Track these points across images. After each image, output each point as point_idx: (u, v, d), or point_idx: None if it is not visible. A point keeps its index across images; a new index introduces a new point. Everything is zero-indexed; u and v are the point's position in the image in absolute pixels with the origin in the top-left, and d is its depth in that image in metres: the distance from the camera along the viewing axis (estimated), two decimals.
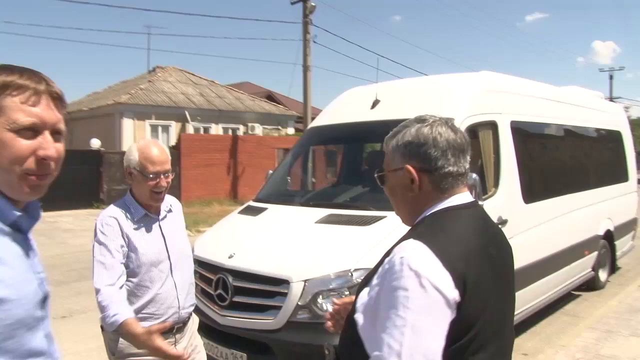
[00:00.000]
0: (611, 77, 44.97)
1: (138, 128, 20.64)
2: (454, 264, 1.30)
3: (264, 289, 3.69)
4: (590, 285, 6.97)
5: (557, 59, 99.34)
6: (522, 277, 5.04)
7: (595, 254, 6.81)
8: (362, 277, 3.56)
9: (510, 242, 4.89)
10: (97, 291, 2.30)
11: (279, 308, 3.58)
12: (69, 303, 6.66)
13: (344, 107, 5.68)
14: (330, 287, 3.54)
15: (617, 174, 7.90)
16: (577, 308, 6.36)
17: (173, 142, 20.62)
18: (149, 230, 2.53)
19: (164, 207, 2.64)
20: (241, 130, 23.75)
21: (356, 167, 5.51)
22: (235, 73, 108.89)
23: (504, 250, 1.54)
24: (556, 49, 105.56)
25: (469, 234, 1.42)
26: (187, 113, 21.79)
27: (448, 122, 1.50)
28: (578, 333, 5.24)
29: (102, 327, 2.61)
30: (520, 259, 5.03)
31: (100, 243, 2.40)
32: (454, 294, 1.27)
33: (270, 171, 5.86)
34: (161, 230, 2.58)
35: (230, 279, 3.79)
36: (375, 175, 1.61)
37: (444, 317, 1.27)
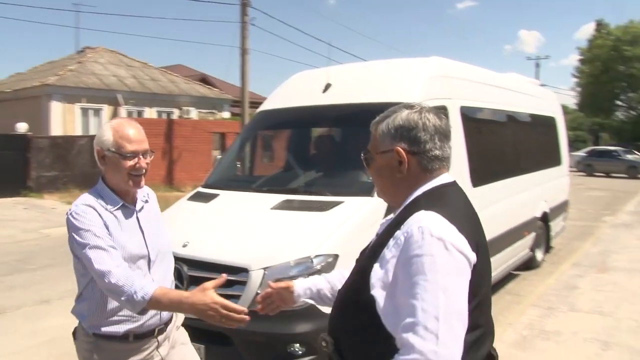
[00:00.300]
0: (537, 65, 47.02)
1: (67, 112, 19.67)
2: (466, 229, 1.41)
3: None
4: (528, 264, 7.28)
5: (486, 46, 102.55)
6: None
7: (533, 234, 7.10)
8: (322, 264, 3.57)
9: None
10: (105, 274, 2.03)
11: (237, 297, 3.48)
12: (1, 299, 6.27)
13: (294, 90, 5.58)
14: (291, 274, 3.47)
15: (552, 158, 8.24)
16: (517, 287, 6.62)
17: None
18: (126, 222, 2.27)
19: (140, 196, 2.37)
20: (176, 114, 23.12)
21: (308, 152, 5.44)
22: (168, 55, 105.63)
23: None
24: (486, 36, 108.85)
25: (464, 204, 1.55)
26: (119, 96, 20.94)
27: (434, 110, 1.59)
28: (522, 311, 5.45)
29: (74, 335, 2.42)
30: None
31: (85, 230, 2.11)
32: (473, 256, 1.38)
33: (219, 156, 5.71)
34: (139, 223, 2.32)
35: (185, 268, 3.65)
36: (362, 156, 1.67)
37: (467, 278, 1.37)
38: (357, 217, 3.85)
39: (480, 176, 5.42)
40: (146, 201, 2.41)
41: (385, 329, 1.38)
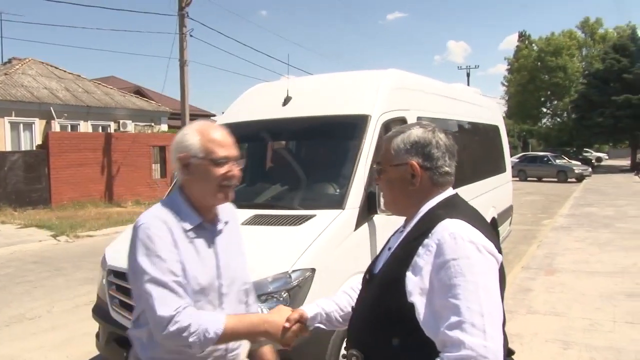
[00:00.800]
0: (468, 75, 48.81)
1: None
2: (488, 234, 1.52)
3: None
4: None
5: (417, 56, 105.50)
6: None
7: None
8: (300, 279, 3.54)
9: None
10: (167, 321, 1.71)
11: None
12: None
13: (253, 104, 5.54)
14: (269, 290, 3.43)
15: (497, 165, 8.57)
16: None
17: (39, 141, 18.98)
18: (201, 246, 1.93)
19: (222, 216, 2.04)
20: (112, 127, 22.44)
21: (270, 166, 5.40)
22: (99, 67, 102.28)
23: None
24: (416, 46, 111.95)
25: (477, 212, 1.67)
26: (52, 109, 20.09)
27: (443, 130, 1.73)
28: None
29: None
30: None
31: (152, 254, 1.79)
32: (500, 257, 1.50)
33: (176, 172, 5.56)
34: (215, 248, 1.98)
35: None
36: (374, 167, 1.82)
37: (497, 277, 1.47)
38: (331, 229, 3.85)
39: None
40: (226, 222, 2.07)
41: (422, 336, 1.44)
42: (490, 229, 1.61)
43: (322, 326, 1.90)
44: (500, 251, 1.53)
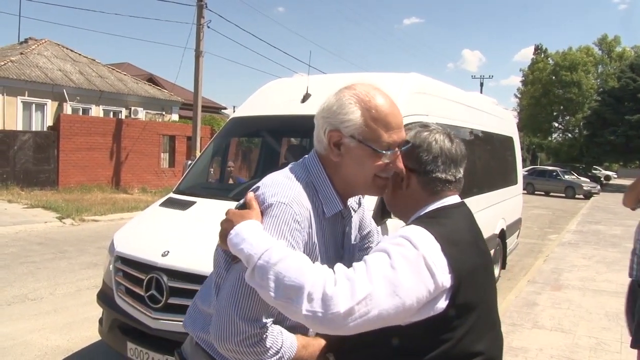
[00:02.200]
0: (482, 85, 48.67)
1: (8, 105, 18.72)
2: (451, 251, 1.38)
3: None
4: None
5: (431, 62, 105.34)
6: None
7: (492, 251, 7.26)
8: None
9: None
10: (248, 334, 1.40)
11: None
12: None
13: (271, 98, 5.49)
14: None
15: (509, 177, 8.49)
16: None
17: (50, 122, 19.03)
18: (333, 236, 1.61)
19: (352, 202, 1.71)
20: (123, 113, 22.48)
21: (284, 162, 5.35)
22: (114, 52, 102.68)
23: (487, 247, 1.66)
24: (430, 52, 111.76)
25: (463, 228, 1.52)
26: (65, 92, 20.14)
27: (447, 132, 1.61)
28: None
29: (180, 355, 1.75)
30: None
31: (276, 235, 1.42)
32: (445, 279, 1.35)
33: (189, 161, 5.54)
34: (343, 239, 1.67)
35: (165, 278, 3.50)
36: None
37: (426, 293, 1.32)
38: None
39: None
40: (358, 207, 1.76)
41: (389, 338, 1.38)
42: (471, 254, 1.46)
43: None
44: (472, 278, 1.39)
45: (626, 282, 3.64)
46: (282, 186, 1.48)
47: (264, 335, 1.42)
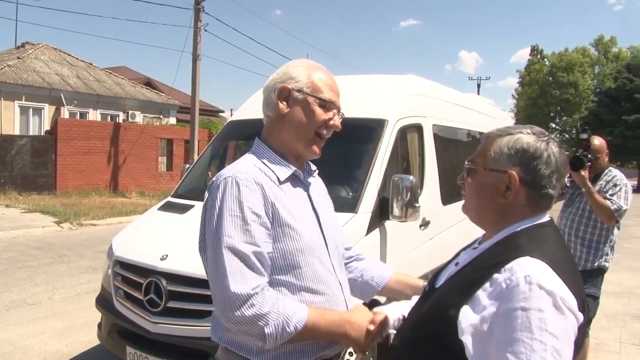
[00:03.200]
0: (479, 86, 48.80)
1: (5, 109, 18.75)
2: (572, 284, 1.25)
3: (204, 294, 3.43)
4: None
5: (428, 64, 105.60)
6: None
7: None
8: None
9: (431, 242, 4.96)
10: (243, 300, 1.45)
11: None
12: None
13: None
14: None
15: None
16: None
17: (47, 126, 19.01)
18: (298, 198, 1.66)
19: (306, 167, 1.79)
20: (121, 117, 22.49)
21: None
22: (111, 56, 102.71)
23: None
24: (428, 54, 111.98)
25: (566, 250, 1.41)
26: (62, 96, 20.13)
27: (557, 143, 1.44)
28: None
29: None
30: (441, 259, 5.22)
31: (234, 217, 1.49)
32: (580, 317, 1.23)
33: (187, 165, 5.54)
34: (311, 202, 1.71)
35: (164, 282, 3.49)
36: (466, 165, 1.53)
37: (574, 340, 1.21)
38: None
39: (449, 194, 5.49)
40: (312, 175, 1.82)
41: None
42: (577, 277, 1.35)
43: (393, 332, 1.66)
44: (584, 307, 1.27)
45: (625, 283, 3.64)
46: (228, 167, 1.64)
47: (259, 299, 1.46)
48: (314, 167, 1.85)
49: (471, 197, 1.50)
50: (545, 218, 1.42)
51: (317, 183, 1.85)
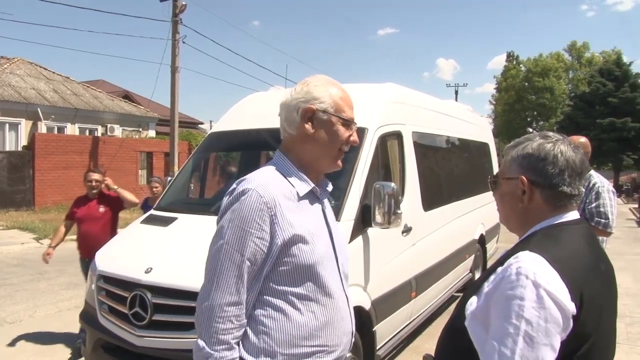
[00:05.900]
0: (456, 93, 49.34)
1: None
2: (571, 276, 1.32)
3: (189, 306, 3.43)
4: (467, 286, 7.50)
5: (406, 72, 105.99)
6: (425, 280, 5.28)
7: (473, 256, 7.36)
8: None
9: (413, 248, 5.01)
10: (208, 309, 1.59)
11: None
12: None
13: (248, 112, 5.52)
14: None
15: (486, 182, 8.59)
16: None
17: (24, 142, 18.76)
18: (313, 214, 1.72)
19: (323, 182, 1.83)
20: (99, 131, 22.29)
21: None
22: (88, 69, 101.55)
23: (611, 267, 1.56)
24: (406, 62, 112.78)
25: (583, 249, 1.45)
26: (39, 110, 19.89)
27: (569, 142, 1.51)
28: None
29: None
30: (423, 264, 5.28)
31: (241, 230, 1.57)
32: (571, 306, 1.29)
33: (169, 178, 5.53)
34: (325, 216, 1.78)
35: (149, 295, 3.49)
36: (489, 179, 1.66)
37: (559, 329, 1.28)
38: None
39: (430, 201, 5.56)
40: (327, 190, 1.86)
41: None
42: (590, 274, 1.40)
43: None
44: (592, 301, 1.34)
45: (625, 283, 3.72)
46: (251, 177, 1.67)
47: (219, 317, 1.58)
48: (329, 183, 1.88)
49: (500, 208, 1.61)
50: (568, 217, 1.48)
51: (328, 202, 1.90)
